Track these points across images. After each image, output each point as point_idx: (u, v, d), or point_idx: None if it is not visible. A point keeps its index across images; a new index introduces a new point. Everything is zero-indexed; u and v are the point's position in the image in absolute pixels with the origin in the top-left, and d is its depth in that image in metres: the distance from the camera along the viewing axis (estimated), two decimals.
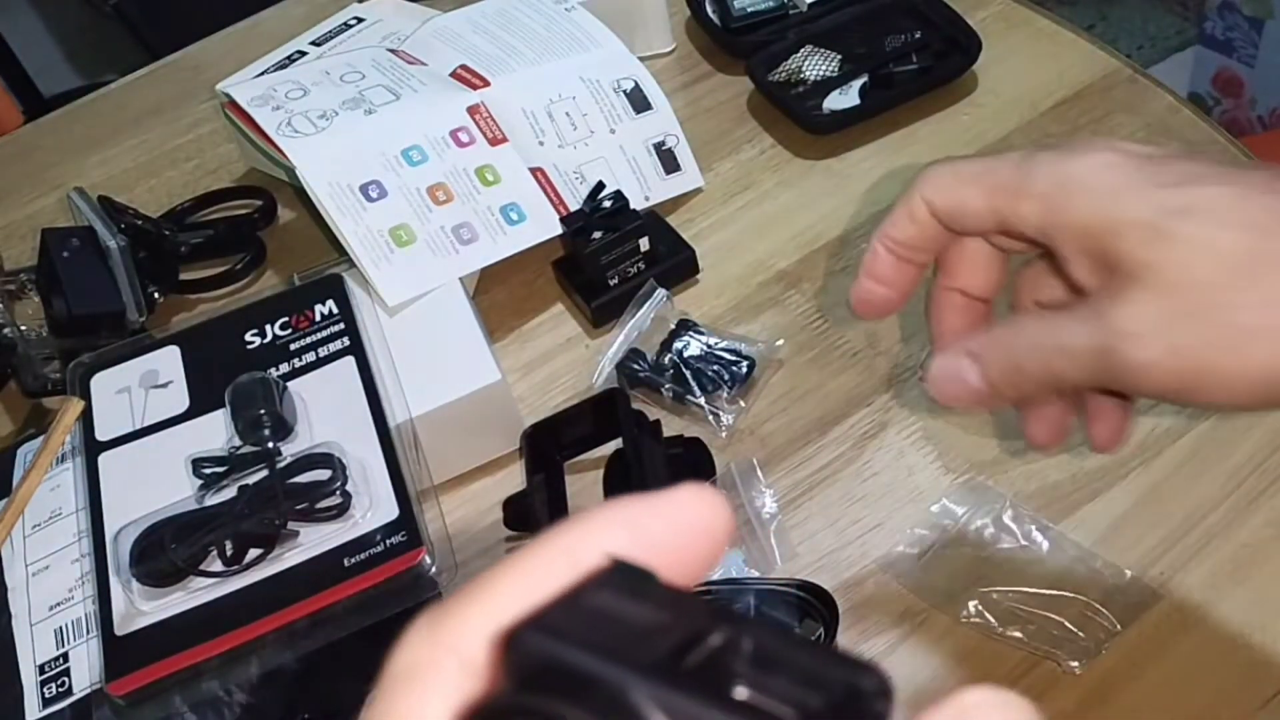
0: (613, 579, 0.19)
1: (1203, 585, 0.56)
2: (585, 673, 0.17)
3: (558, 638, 0.17)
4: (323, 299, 0.65)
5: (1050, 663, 0.54)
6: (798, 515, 0.61)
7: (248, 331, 0.64)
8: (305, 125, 0.72)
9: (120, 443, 0.60)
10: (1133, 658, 0.54)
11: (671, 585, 0.19)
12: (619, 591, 0.18)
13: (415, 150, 0.72)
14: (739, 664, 0.18)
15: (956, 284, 0.42)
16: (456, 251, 0.69)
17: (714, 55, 0.88)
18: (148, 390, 0.63)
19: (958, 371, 0.38)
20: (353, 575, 0.54)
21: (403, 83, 0.76)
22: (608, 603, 0.18)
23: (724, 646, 0.18)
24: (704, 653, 0.18)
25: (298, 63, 0.83)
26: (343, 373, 0.62)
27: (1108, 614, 0.55)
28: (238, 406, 0.59)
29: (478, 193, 0.72)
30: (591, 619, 0.18)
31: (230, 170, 0.86)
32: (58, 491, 0.60)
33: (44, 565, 0.57)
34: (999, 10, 0.87)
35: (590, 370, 0.69)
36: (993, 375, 0.38)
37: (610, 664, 0.17)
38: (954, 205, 0.38)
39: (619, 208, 0.71)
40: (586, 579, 0.19)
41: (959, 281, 0.42)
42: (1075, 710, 0.53)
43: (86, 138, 0.92)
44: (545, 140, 0.76)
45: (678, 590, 0.19)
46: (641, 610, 0.18)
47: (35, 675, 0.54)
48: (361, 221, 0.68)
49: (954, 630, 0.56)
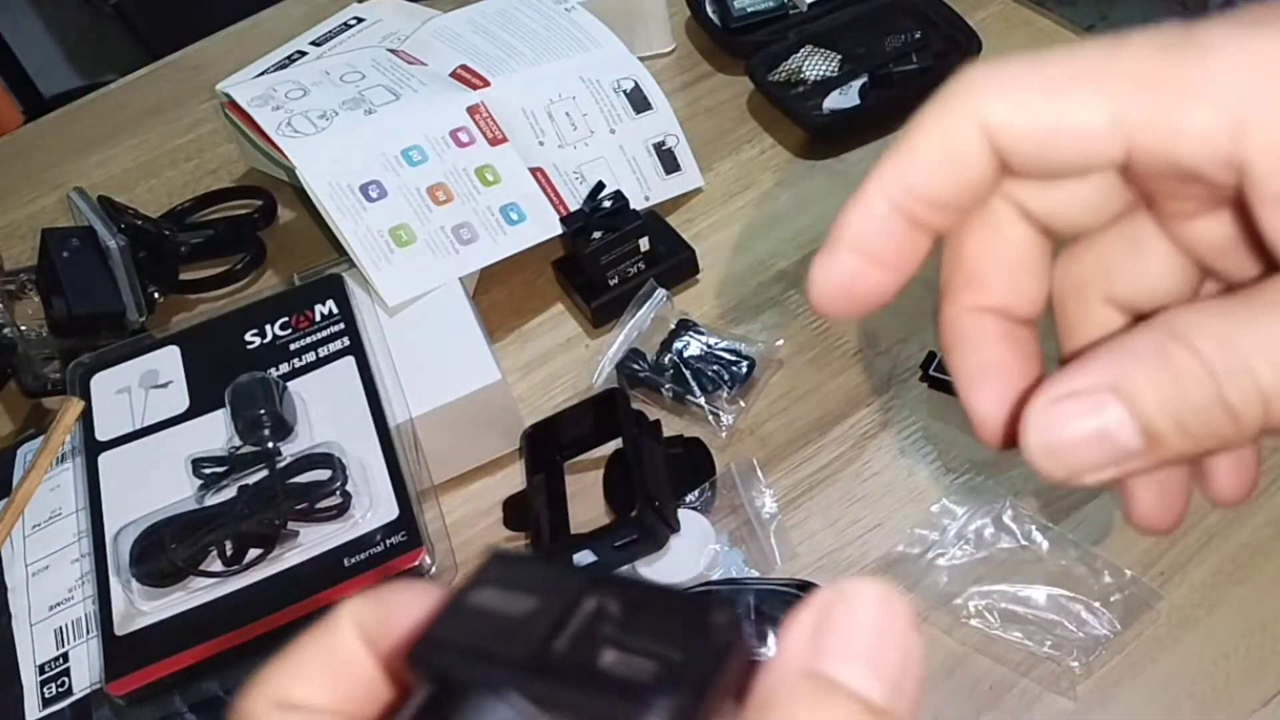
0: (491, 573, 0.21)
1: (1203, 585, 0.56)
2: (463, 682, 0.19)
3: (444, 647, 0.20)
4: (323, 299, 0.65)
5: (1050, 662, 0.54)
6: (798, 515, 0.61)
7: (248, 331, 0.64)
8: (305, 125, 0.72)
9: (120, 443, 0.60)
10: (1133, 657, 0.54)
11: (548, 562, 0.21)
12: (498, 584, 0.21)
13: (415, 150, 0.72)
14: (607, 628, 0.19)
15: (991, 300, 0.26)
16: (456, 251, 0.69)
17: (714, 55, 0.88)
18: (148, 390, 0.63)
19: (1096, 425, 0.22)
20: (353, 575, 0.54)
21: (403, 83, 0.76)
22: (488, 599, 0.20)
23: (594, 614, 0.20)
24: (575, 626, 0.19)
25: (298, 63, 0.83)
26: (343, 373, 0.62)
27: (1108, 614, 0.55)
28: (238, 406, 0.59)
29: (478, 193, 0.72)
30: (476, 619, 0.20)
31: (230, 170, 0.86)
32: (58, 491, 0.60)
33: (44, 565, 0.57)
34: (999, 10, 0.87)
35: (590, 370, 0.69)
36: (1162, 421, 0.22)
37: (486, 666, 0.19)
38: (1045, 128, 0.23)
39: (619, 208, 0.71)
40: (472, 578, 0.21)
41: (994, 294, 0.26)
42: (1075, 710, 0.53)
43: (86, 138, 0.92)
44: (545, 140, 0.76)
45: (552, 566, 0.21)
46: (518, 598, 0.20)
47: (35, 675, 0.54)
48: (361, 221, 0.68)
49: (954, 630, 0.56)
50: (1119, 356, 0.22)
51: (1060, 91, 0.23)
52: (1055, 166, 0.24)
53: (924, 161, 0.24)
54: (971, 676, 0.55)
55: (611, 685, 0.19)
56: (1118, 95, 0.22)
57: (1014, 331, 0.26)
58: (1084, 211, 0.25)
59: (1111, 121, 0.22)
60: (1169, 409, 0.22)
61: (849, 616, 0.19)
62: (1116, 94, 0.22)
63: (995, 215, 0.26)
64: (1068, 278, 0.27)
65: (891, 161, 0.25)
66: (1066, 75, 0.23)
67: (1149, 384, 0.22)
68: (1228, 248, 0.25)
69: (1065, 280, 0.27)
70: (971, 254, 0.26)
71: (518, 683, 0.19)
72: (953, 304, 0.27)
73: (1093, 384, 0.22)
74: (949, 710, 0.54)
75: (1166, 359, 0.22)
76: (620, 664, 0.19)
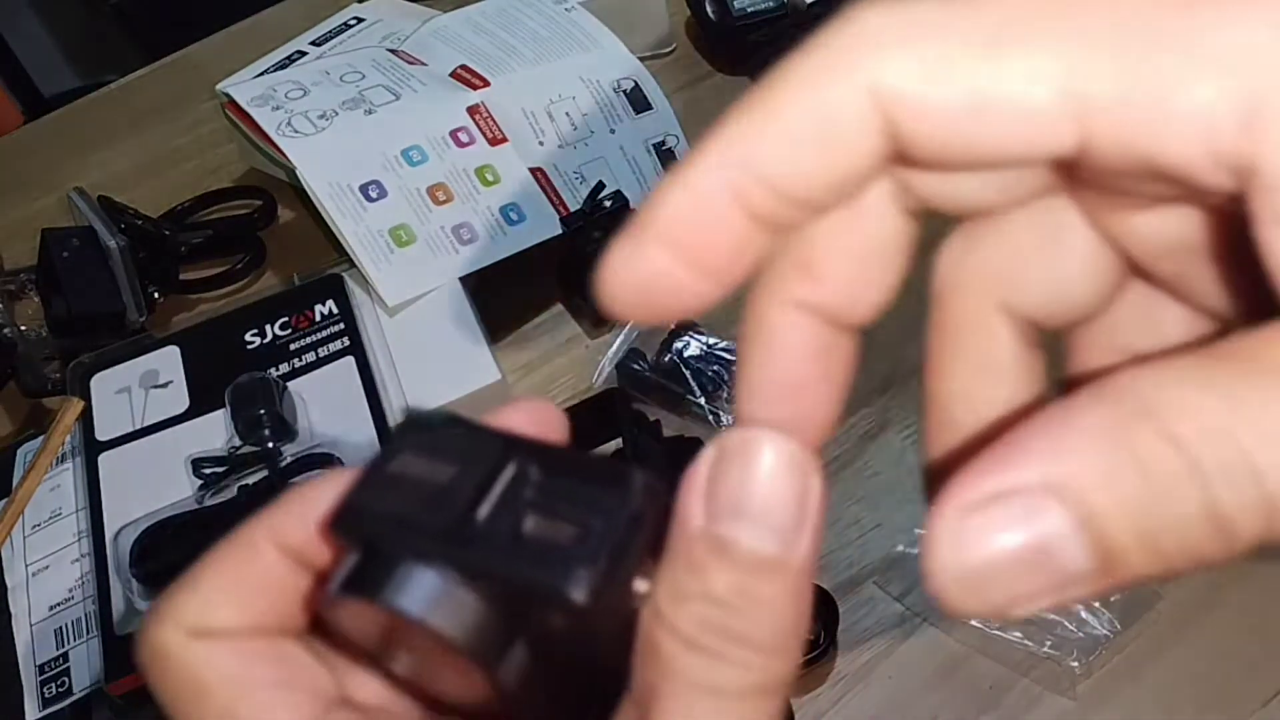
0: (410, 438, 0.21)
1: (1203, 585, 0.56)
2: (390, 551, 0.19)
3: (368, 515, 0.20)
4: (323, 299, 0.65)
5: (1050, 662, 0.54)
6: None
7: (248, 331, 0.64)
8: (305, 125, 0.72)
9: (120, 443, 0.60)
10: (1132, 657, 0.54)
11: (467, 423, 0.21)
12: (417, 449, 0.20)
13: (415, 150, 0.72)
14: (528, 493, 0.20)
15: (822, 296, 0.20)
16: (456, 251, 0.69)
17: (714, 55, 0.88)
18: (148, 390, 0.62)
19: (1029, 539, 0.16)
20: None
21: (403, 83, 0.76)
22: (409, 465, 0.20)
23: (514, 479, 0.20)
24: (497, 493, 0.20)
25: (298, 63, 0.83)
26: (343, 373, 0.62)
27: (1108, 613, 0.55)
28: (238, 406, 0.59)
29: (478, 193, 0.72)
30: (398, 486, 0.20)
31: (230, 170, 0.86)
32: (57, 492, 0.60)
33: (44, 565, 0.57)
34: None
35: (590, 370, 0.69)
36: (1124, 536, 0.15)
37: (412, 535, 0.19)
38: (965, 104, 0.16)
39: (619, 208, 0.71)
40: (390, 443, 0.21)
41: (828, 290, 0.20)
42: (1075, 710, 0.53)
43: (86, 138, 0.92)
44: (545, 140, 0.76)
45: (471, 427, 0.21)
46: (438, 464, 0.20)
47: (35, 675, 0.54)
48: (361, 221, 0.68)
49: (954, 630, 0.56)
50: (1061, 439, 0.16)
51: (992, 49, 0.16)
52: (973, 158, 0.17)
53: (783, 137, 0.17)
54: (971, 676, 0.55)
55: (533, 554, 0.19)
56: (1074, 57, 0.16)
57: (832, 345, 0.21)
58: (985, 193, 0.19)
59: (1062, 96, 0.16)
60: (1134, 520, 0.15)
61: (735, 471, 0.19)
62: (1073, 55, 0.16)
63: None
64: (954, 272, 0.20)
65: (737, 130, 0.17)
66: (1002, 25, 0.16)
67: (1105, 483, 0.15)
68: (1183, 253, 0.18)
69: (950, 274, 0.20)
70: (814, 235, 0.19)
71: (444, 552, 0.19)
72: (770, 292, 0.20)
73: (1025, 481, 0.16)
74: (949, 710, 0.54)
75: (1131, 447, 0.15)
76: (542, 531, 0.19)
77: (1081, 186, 0.19)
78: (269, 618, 0.22)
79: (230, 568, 0.22)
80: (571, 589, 0.18)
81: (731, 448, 0.19)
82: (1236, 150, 0.15)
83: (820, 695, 0.55)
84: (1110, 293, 0.20)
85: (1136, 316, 0.20)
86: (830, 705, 0.54)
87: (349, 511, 0.20)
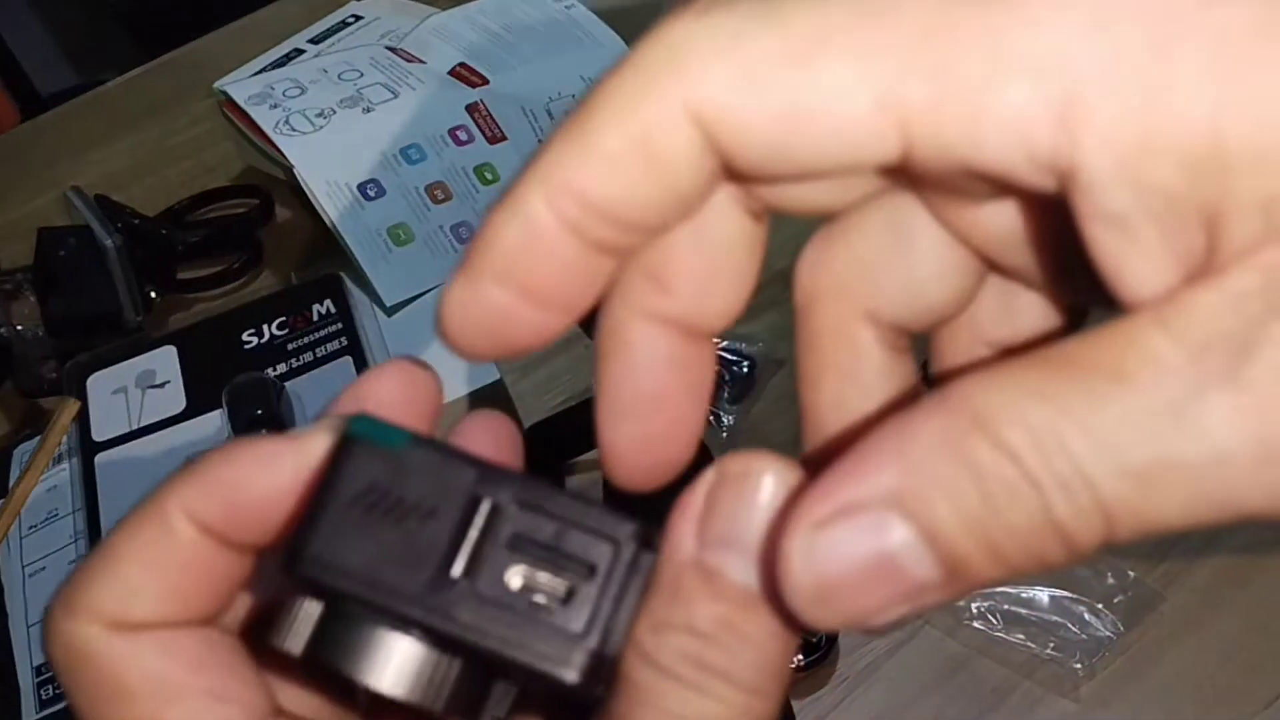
0: (362, 458, 0.18)
1: (1205, 587, 0.56)
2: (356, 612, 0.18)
3: (328, 565, 0.17)
4: (320, 299, 0.65)
5: (1053, 664, 0.54)
6: None
7: (245, 331, 0.64)
8: (303, 124, 0.71)
9: (117, 443, 0.60)
10: (1135, 659, 0.54)
11: (429, 444, 0.19)
12: (374, 472, 0.18)
13: (414, 149, 0.72)
14: (508, 538, 0.18)
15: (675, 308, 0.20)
16: (455, 250, 0.69)
17: None
18: (144, 390, 0.62)
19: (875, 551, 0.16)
20: None
21: (401, 81, 0.76)
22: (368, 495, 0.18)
23: (491, 519, 0.18)
24: (473, 539, 0.18)
25: (295, 61, 0.83)
26: (341, 373, 0.62)
27: (1110, 615, 0.54)
28: (235, 406, 0.59)
29: (476, 191, 0.71)
30: (358, 526, 0.18)
31: (228, 169, 0.86)
32: (54, 492, 0.60)
33: (41, 566, 0.57)
34: None
35: (590, 370, 0.68)
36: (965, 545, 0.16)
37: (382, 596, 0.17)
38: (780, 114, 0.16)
39: None
40: (341, 460, 0.18)
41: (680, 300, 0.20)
42: (1078, 711, 0.53)
43: (83, 136, 0.92)
44: (544, 138, 0.76)
45: (436, 451, 0.18)
46: (401, 494, 0.18)
47: (32, 677, 0.54)
48: (359, 220, 0.68)
49: (957, 632, 0.55)
50: (903, 451, 0.16)
51: (807, 58, 0.16)
52: (798, 169, 0.17)
53: (605, 164, 0.17)
54: (974, 679, 0.54)
55: (519, 624, 0.17)
56: (888, 65, 0.15)
57: (688, 354, 0.20)
58: (825, 196, 0.19)
59: (878, 104, 0.15)
60: (975, 530, 0.15)
61: (732, 499, 0.18)
62: (887, 63, 0.15)
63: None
64: (812, 280, 0.20)
65: (560, 156, 0.17)
66: (815, 33, 0.16)
67: (944, 494, 0.15)
68: (1027, 244, 0.18)
69: (810, 283, 0.20)
70: (660, 244, 0.19)
71: (421, 620, 0.17)
72: (622, 304, 0.20)
73: (869, 495, 0.16)
74: (951, 712, 0.54)
75: (966, 459, 0.15)
76: (525, 591, 0.18)
77: (920, 186, 0.19)
78: (193, 606, 0.19)
79: (148, 548, 0.19)
80: (564, 671, 0.17)
81: (731, 473, 0.18)
82: (1054, 152, 0.15)
83: (822, 697, 0.54)
84: (969, 290, 0.20)
85: (997, 309, 0.20)
86: (832, 708, 0.54)
87: (310, 560, 0.18)
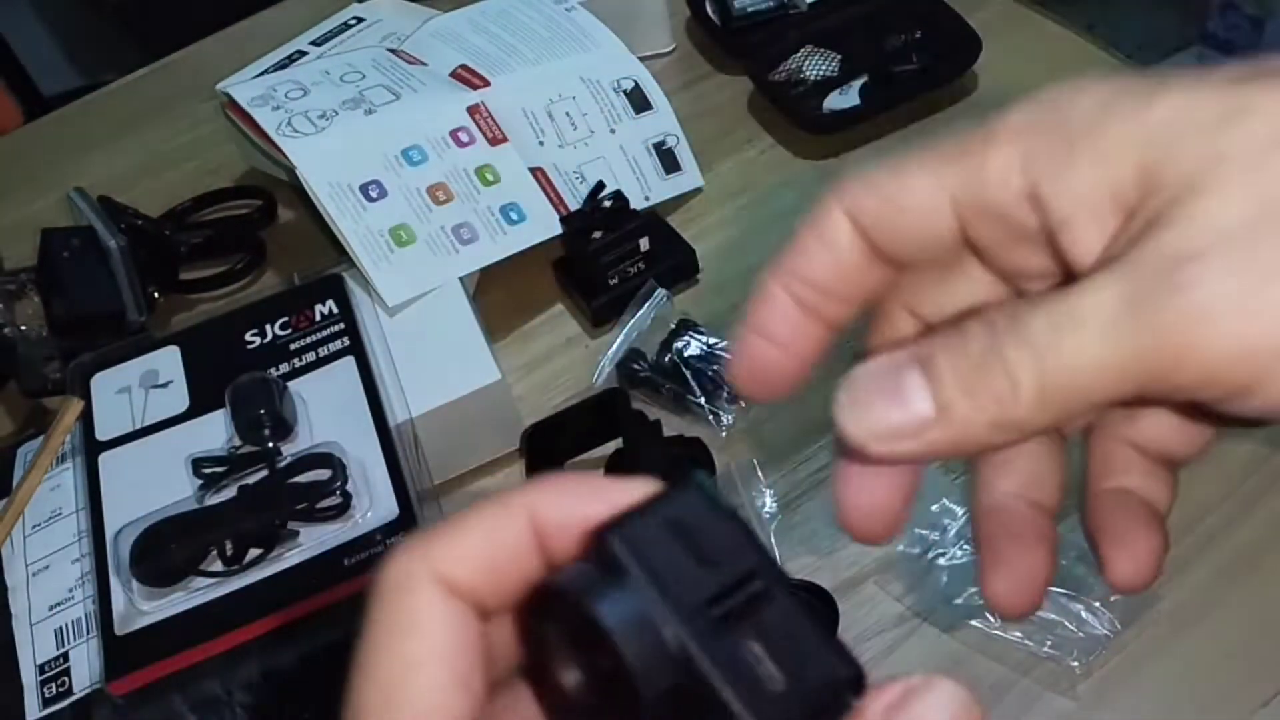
0: (693, 499, 0.22)
1: (1203, 585, 0.56)
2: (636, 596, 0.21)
3: (632, 546, 0.21)
4: (323, 299, 0.65)
5: (1050, 662, 0.54)
6: (798, 515, 0.61)
7: (248, 331, 0.64)
8: (305, 125, 0.72)
9: (120, 442, 0.60)
10: (1133, 658, 0.54)
11: (739, 521, 0.22)
12: (693, 513, 0.22)
13: (415, 150, 0.72)
14: (761, 618, 0.21)
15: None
16: (456, 251, 0.69)
17: (714, 55, 0.88)
18: (148, 390, 0.63)
19: (894, 385, 0.24)
20: (353, 575, 0.54)
21: (403, 82, 0.76)
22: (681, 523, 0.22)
23: (755, 598, 0.21)
24: (739, 599, 0.21)
25: (298, 63, 0.83)
26: (343, 373, 0.62)
27: (1108, 614, 0.55)
28: (238, 406, 0.59)
29: (478, 192, 0.72)
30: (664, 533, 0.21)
31: (230, 170, 0.86)
32: (58, 491, 0.60)
33: (44, 565, 0.57)
34: (999, 10, 0.87)
35: (590, 370, 0.69)
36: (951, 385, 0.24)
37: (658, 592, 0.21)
38: (890, 202, 0.26)
39: (619, 208, 0.71)
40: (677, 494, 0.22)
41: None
42: (1075, 710, 0.53)
43: (86, 138, 0.92)
44: (545, 140, 0.76)
45: (742, 528, 0.22)
46: (703, 540, 0.21)
47: (35, 675, 0.54)
48: (361, 221, 0.68)
49: (954, 630, 0.56)
50: (931, 339, 0.24)
51: (900, 168, 0.26)
52: (907, 244, 0.26)
53: (805, 248, 0.28)
54: (971, 676, 0.55)
55: (741, 675, 0.20)
56: (946, 166, 0.25)
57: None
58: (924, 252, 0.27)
59: (940, 188, 0.25)
60: (957, 372, 0.23)
61: (914, 712, 0.19)
62: (944, 164, 0.25)
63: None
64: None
65: (784, 252, 0.28)
66: (910, 158, 0.26)
67: (943, 351, 0.24)
68: (1045, 276, 0.26)
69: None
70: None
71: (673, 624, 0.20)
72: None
73: (903, 354, 0.24)
74: None
75: (961, 330, 0.24)
76: (758, 659, 0.20)
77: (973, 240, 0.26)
78: (497, 592, 0.22)
79: (491, 530, 0.22)
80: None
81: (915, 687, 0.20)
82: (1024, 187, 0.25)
83: None
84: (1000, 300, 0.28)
85: (932, 286, 0.28)
86: None
87: (624, 534, 0.21)
